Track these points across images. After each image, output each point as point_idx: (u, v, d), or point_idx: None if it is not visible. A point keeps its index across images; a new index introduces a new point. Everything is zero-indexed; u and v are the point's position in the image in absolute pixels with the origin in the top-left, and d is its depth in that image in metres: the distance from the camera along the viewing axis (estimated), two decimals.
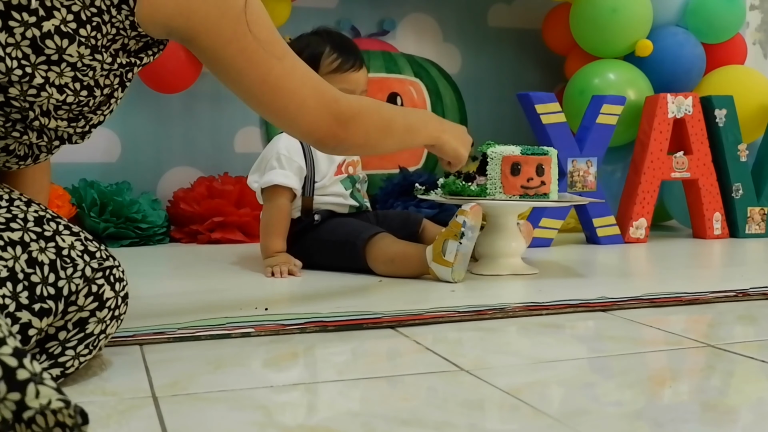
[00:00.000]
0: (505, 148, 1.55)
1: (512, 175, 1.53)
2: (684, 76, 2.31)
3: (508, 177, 1.53)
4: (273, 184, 1.61)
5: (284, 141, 1.64)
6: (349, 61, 1.65)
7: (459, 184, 1.56)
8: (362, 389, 0.85)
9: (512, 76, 2.71)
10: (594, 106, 2.12)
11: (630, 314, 1.22)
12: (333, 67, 1.64)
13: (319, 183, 1.65)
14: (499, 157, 1.53)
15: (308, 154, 1.65)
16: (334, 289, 1.39)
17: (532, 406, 0.78)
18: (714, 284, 1.46)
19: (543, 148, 1.58)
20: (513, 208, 1.58)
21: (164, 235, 2.11)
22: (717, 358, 0.98)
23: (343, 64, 1.64)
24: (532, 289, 1.41)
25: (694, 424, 0.74)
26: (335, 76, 1.63)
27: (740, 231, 2.25)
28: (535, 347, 1.04)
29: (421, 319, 1.15)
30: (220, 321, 1.11)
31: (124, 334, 1.03)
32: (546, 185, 1.56)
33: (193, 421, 0.74)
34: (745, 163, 2.26)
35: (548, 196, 1.56)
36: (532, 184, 1.54)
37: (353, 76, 1.65)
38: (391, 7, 2.57)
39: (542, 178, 1.55)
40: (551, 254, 1.92)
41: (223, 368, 0.92)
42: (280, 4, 2.19)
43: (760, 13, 3.02)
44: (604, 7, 2.23)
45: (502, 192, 1.53)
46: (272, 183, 1.61)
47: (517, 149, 1.54)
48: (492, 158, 1.54)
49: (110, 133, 2.28)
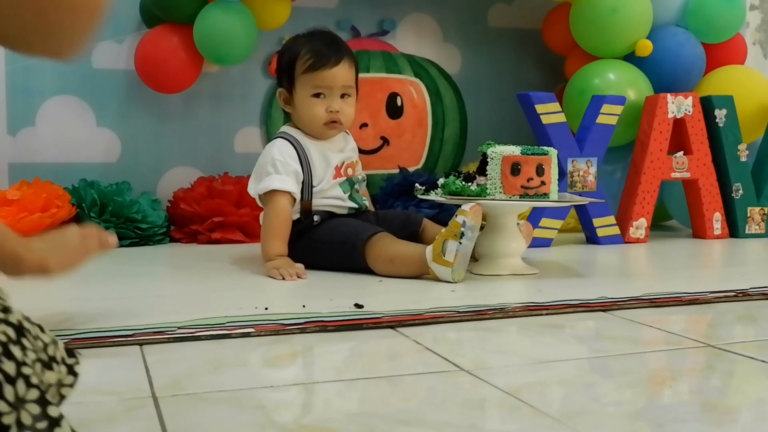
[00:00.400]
0: (505, 148, 1.55)
1: (512, 175, 1.53)
2: (684, 76, 2.31)
3: (508, 177, 1.53)
4: (270, 189, 1.60)
5: (278, 146, 1.64)
6: (322, 58, 1.64)
7: (459, 184, 1.56)
8: (362, 389, 0.85)
9: (512, 76, 2.70)
10: (594, 106, 2.12)
11: (630, 314, 1.22)
12: (305, 66, 1.64)
13: (318, 187, 1.65)
14: (499, 157, 1.53)
15: (304, 159, 1.64)
16: (334, 290, 1.39)
17: (532, 406, 0.78)
18: (714, 284, 1.46)
19: (543, 148, 1.58)
20: (513, 208, 1.58)
21: (164, 235, 2.11)
22: (717, 358, 0.98)
23: (315, 63, 1.63)
24: (532, 289, 1.41)
25: (694, 424, 0.74)
26: (308, 75, 1.63)
27: (740, 231, 2.25)
28: (535, 347, 1.04)
29: (421, 319, 1.15)
30: (220, 321, 1.11)
31: (124, 333, 1.03)
32: (546, 185, 1.56)
33: (193, 421, 0.74)
34: (745, 163, 2.26)
35: (548, 196, 1.56)
36: (532, 184, 1.54)
37: (327, 73, 1.63)
38: (391, 7, 2.57)
39: (542, 178, 1.55)
40: (551, 254, 1.92)
41: (223, 368, 0.92)
42: (280, 4, 2.19)
43: (760, 13, 3.02)
44: (604, 7, 2.23)
45: (502, 192, 1.53)
46: (269, 188, 1.60)
47: (517, 149, 1.54)
48: (492, 158, 1.54)
49: (110, 133, 2.28)
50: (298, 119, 1.69)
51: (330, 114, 1.64)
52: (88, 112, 2.25)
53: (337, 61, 1.65)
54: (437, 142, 2.51)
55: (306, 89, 1.65)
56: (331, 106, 1.64)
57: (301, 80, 1.66)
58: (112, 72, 2.26)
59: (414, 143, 2.48)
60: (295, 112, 1.69)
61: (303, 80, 1.65)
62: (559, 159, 2.04)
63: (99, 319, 1.12)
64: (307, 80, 1.65)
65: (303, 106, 1.66)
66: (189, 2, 2.10)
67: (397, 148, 2.45)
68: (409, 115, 2.47)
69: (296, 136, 1.67)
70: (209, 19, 2.08)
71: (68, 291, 1.35)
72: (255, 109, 2.42)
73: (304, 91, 1.65)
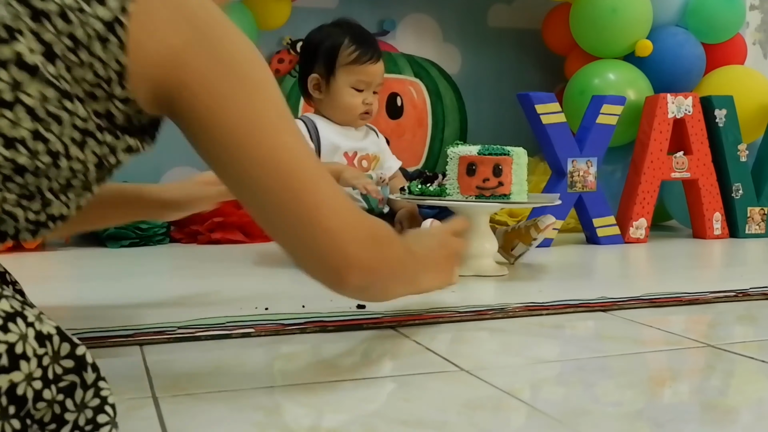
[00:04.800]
0: (466, 147, 1.53)
1: (468, 176, 1.51)
2: (684, 76, 2.31)
3: (464, 177, 1.52)
4: None
5: None
6: (367, 53, 1.71)
7: (418, 186, 1.57)
8: (362, 389, 0.85)
9: (512, 76, 2.70)
10: (594, 106, 2.12)
11: (630, 314, 1.22)
12: (351, 59, 1.70)
13: None
14: (457, 157, 1.53)
15: (314, 136, 1.69)
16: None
17: (532, 406, 0.78)
18: (714, 284, 1.46)
19: (505, 148, 1.53)
20: (482, 209, 1.55)
21: (164, 235, 2.11)
22: (717, 358, 0.98)
23: (361, 55, 1.70)
24: (532, 289, 1.41)
25: (694, 424, 0.74)
26: (353, 68, 1.70)
27: (740, 231, 2.25)
28: (535, 347, 1.04)
29: (421, 319, 1.15)
30: (220, 321, 1.11)
31: (124, 333, 1.03)
32: (505, 186, 1.51)
33: (193, 421, 0.74)
34: (745, 163, 2.26)
35: (508, 197, 1.52)
36: (488, 185, 1.51)
37: (371, 68, 1.72)
38: (391, 7, 2.57)
39: (500, 178, 1.51)
40: (551, 254, 1.92)
41: (223, 368, 0.92)
42: (280, 4, 2.19)
43: (760, 13, 3.02)
44: (604, 7, 2.23)
45: (459, 192, 1.53)
46: None
47: (475, 149, 1.52)
48: (450, 158, 1.54)
49: None
50: (329, 106, 1.75)
51: (365, 105, 1.74)
52: None
53: (378, 58, 1.76)
54: (437, 142, 2.51)
55: (348, 79, 1.72)
56: (367, 99, 1.74)
57: (344, 70, 1.72)
58: None
59: (414, 143, 2.48)
60: (327, 98, 1.75)
61: (346, 71, 1.72)
62: (559, 159, 2.06)
63: (99, 319, 1.12)
64: (351, 71, 1.72)
65: (341, 94, 1.73)
66: None
67: (397, 148, 2.44)
68: (409, 115, 2.47)
69: (312, 119, 1.73)
70: None
71: (68, 291, 1.35)
72: None
73: (345, 81, 1.72)
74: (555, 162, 2.08)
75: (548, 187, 2.12)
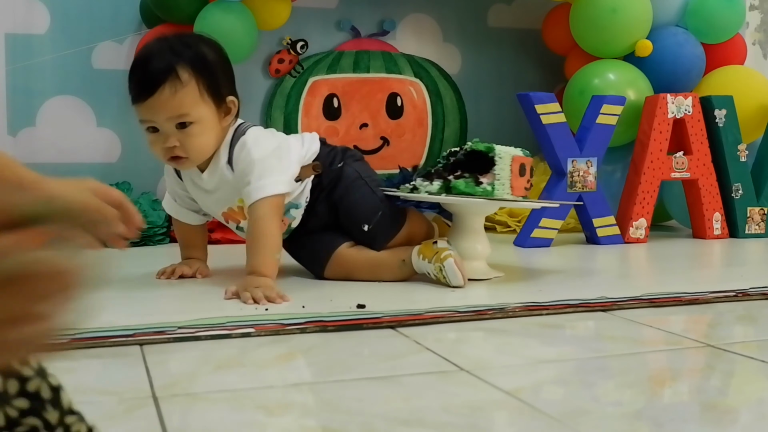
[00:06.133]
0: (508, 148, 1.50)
1: (520, 176, 1.49)
2: (684, 76, 2.31)
3: (517, 178, 1.48)
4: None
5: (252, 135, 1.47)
6: (131, 92, 1.45)
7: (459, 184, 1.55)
8: (362, 389, 0.85)
9: (512, 76, 2.70)
10: (594, 106, 2.12)
11: (630, 314, 1.22)
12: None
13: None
14: (509, 156, 1.46)
15: None
16: (334, 290, 1.39)
17: (532, 406, 0.78)
18: (714, 284, 1.46)
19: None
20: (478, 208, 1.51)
21: (164, 235, 2.11)
22: (717, 358, 0.98)
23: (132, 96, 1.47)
24: (532, 289, 1.41)
25: (694, 424, 0.74)
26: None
27: (740, 231, 2.25)
28: (535, 347, 1.04)
29: (421, 319, 1.15)
30: (220, 321, 1.11)
31: (124, 333, 1.03)
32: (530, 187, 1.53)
33: (193, 421, 0.74)
34: (744, 163, 2.26)
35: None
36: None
37: (138, 109, 1.45)
38: (391, 7, 2.57)
39: (532, 179, 1.54)
40: (551, 254, 1.92)
41: (223, 368, 0.92)
42: (280, 4, 2.19)
43: (759, 13, 3.02)
44: (604, 7, 2.23)
45: (510, 193, 1.49)
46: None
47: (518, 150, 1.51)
48: (501, 157, 1.46)
49: (110, 134, 2.28)
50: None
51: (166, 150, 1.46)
52: (89, 113, 2.25)
53: (148, 96, 1.42)
54: (437, 142, 2.51)
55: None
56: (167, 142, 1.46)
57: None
58: (112, 72, 2.26)
59: (414, 143, 2.48)
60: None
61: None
62: (559, 159, 2.06)
63: (99, 319, 1.12)
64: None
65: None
66: (189, 2, 2.10)
67: (397, 148, 2.45)
68: (409, 115, 2.47)
69: None
70: (209, 19, 2.08)
71: None
72: (255, 109, 2.42)
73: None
74: (555, 162, 2.08)
75: (548, 187, 2.12)
